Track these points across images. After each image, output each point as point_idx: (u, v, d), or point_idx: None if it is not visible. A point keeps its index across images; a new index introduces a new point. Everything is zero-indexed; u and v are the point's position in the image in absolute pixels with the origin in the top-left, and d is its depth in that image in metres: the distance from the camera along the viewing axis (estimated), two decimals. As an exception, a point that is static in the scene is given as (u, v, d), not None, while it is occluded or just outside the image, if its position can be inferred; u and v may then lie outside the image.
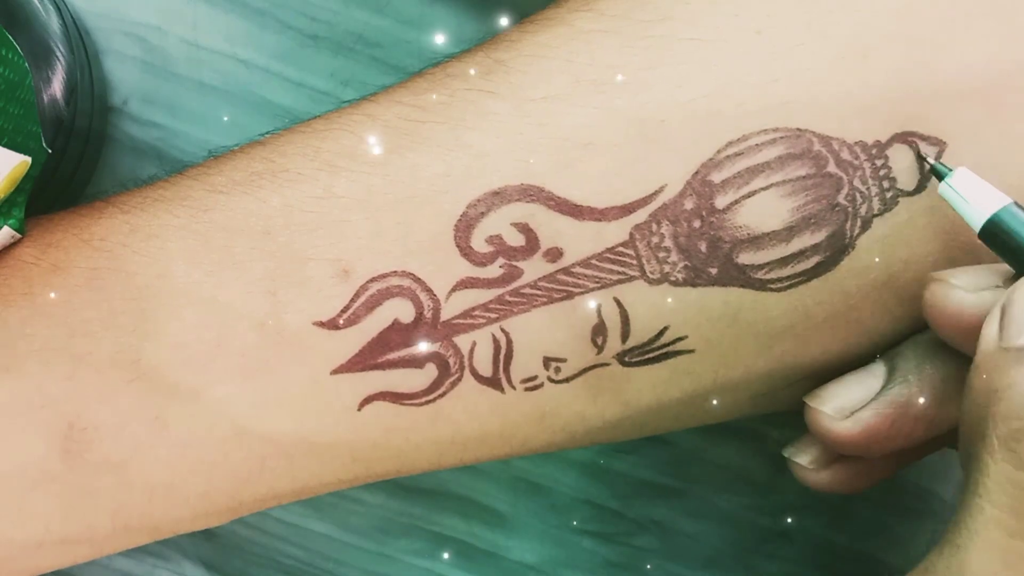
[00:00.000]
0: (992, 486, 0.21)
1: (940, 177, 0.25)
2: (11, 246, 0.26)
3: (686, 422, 0.28)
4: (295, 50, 0.33)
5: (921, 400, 0.25)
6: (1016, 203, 0.24)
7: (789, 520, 0.35)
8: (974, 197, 0.24)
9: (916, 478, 0.35)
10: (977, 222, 0.24)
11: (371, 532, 0.34)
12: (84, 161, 0.32)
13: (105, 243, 0.26)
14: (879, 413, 0.26)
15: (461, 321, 0.25)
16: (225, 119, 0.33)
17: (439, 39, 0.33)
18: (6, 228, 0.26)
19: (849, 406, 0.26)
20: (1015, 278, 0.24)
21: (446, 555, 0.34)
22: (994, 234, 0.24)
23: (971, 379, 0.23)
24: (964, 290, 0.24)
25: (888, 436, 0.26)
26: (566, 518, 0.34)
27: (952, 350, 0.25)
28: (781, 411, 0.28)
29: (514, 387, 0.26)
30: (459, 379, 0.26)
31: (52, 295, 0.25)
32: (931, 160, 0.25)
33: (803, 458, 0.28)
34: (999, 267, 0.24)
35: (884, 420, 0.26)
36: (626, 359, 0.26)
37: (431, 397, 0.26)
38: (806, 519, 0.35)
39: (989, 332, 0.22)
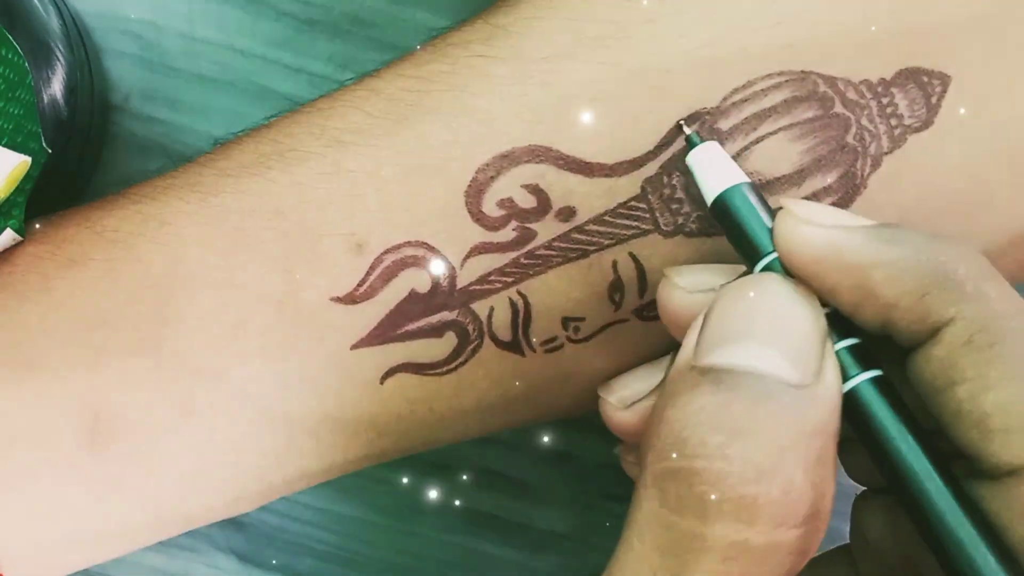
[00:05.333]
0: (642, 521, 0.20)
1: (692, 147, 0.24)
2: (25, 243, 0.26)
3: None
4: (291, 36, 0.33)
5: None
6: (752, 184, 0.23)
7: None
8: (712, 172, 0.23)
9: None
10: (708, 198, 0.23)
11: (400, 511, 0.34)
12: (85, 160, 0.32)
13: (119, 234, 0.26)
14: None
15: (477, 287, 0.25)
16: (226, 109, 0.33)
17: (434, 16, 0.33)
18: (8, 231, 0.26)
19: (631, 397, 0.25)
20: (744, 274, 0.22)
21: (476, 529, 0.34)
22: (721, 213, 0.23)
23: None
24: (684, 290, 0.23)
25: None
26: (593, 484, 0.34)
27: None
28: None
29: (534, 350, 0.26)
30: (479, 345, 0.26)
31: (70, 289, 0.25)
32: (687, 130, 0.24)
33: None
34: (731, 267, 0.23)
35: None
36: (644, 314, 0.26)
37: (452, 366, 0.26)
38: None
39: (688, 344, 0.21)
